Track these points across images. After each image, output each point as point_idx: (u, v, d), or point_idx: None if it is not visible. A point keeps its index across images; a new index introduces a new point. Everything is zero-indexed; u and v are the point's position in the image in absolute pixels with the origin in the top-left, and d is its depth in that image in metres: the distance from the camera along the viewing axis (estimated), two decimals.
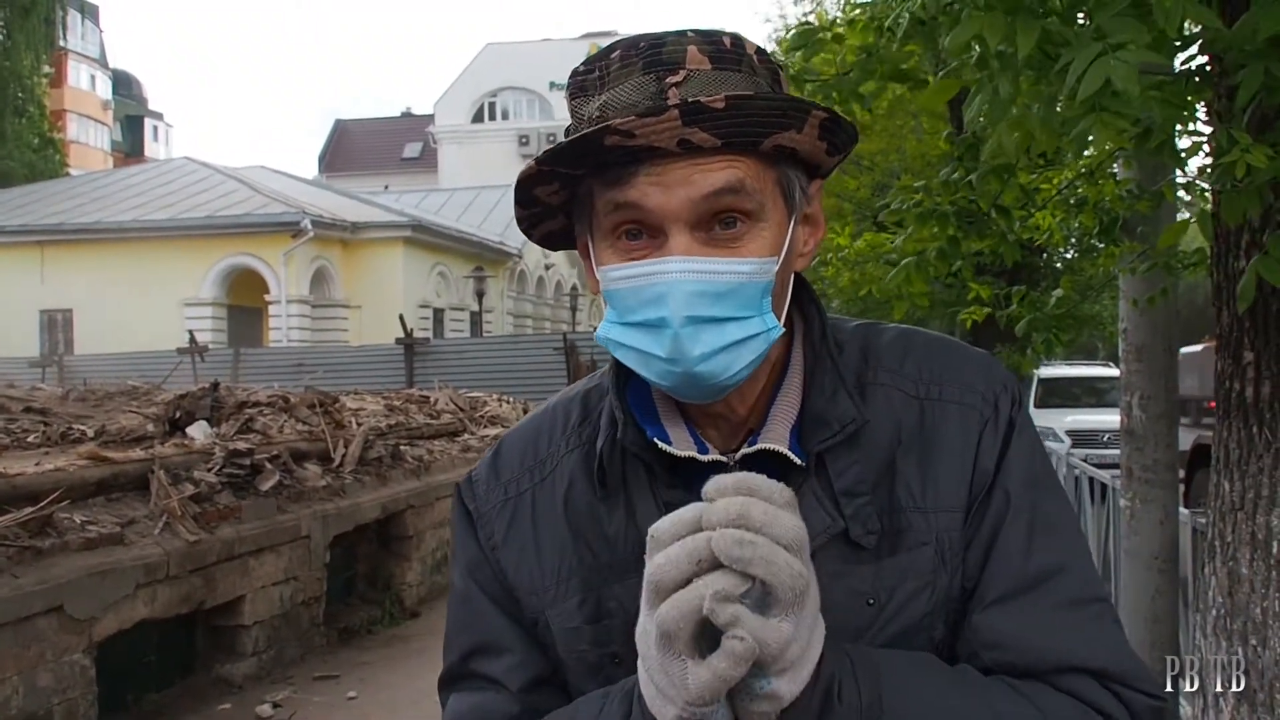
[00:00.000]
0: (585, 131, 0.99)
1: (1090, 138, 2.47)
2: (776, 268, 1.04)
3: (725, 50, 1.04)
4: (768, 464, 1.06)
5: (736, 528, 0.87)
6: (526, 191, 1.09)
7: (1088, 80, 2.04)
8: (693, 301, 0.99)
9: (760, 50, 1.08)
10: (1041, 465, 1.13)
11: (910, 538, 1.06)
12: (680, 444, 1.09)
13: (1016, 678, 1.02)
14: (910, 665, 1.01)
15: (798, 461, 1.07)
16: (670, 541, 0.89)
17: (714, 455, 1.09)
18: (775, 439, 1.08)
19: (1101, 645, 1.04)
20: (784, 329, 1.07)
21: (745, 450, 1.08)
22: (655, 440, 1.09)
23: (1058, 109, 2.41)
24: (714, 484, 0.91)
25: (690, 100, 0.98)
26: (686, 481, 1.07)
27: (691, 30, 1.05)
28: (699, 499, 0.98)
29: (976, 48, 2.65)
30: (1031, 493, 1.09)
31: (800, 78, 3.47)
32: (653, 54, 1.03)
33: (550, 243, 1.19)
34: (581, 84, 1.07)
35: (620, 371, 1.13)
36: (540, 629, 1.14)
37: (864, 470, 1.08)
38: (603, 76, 1.05)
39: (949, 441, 1.10)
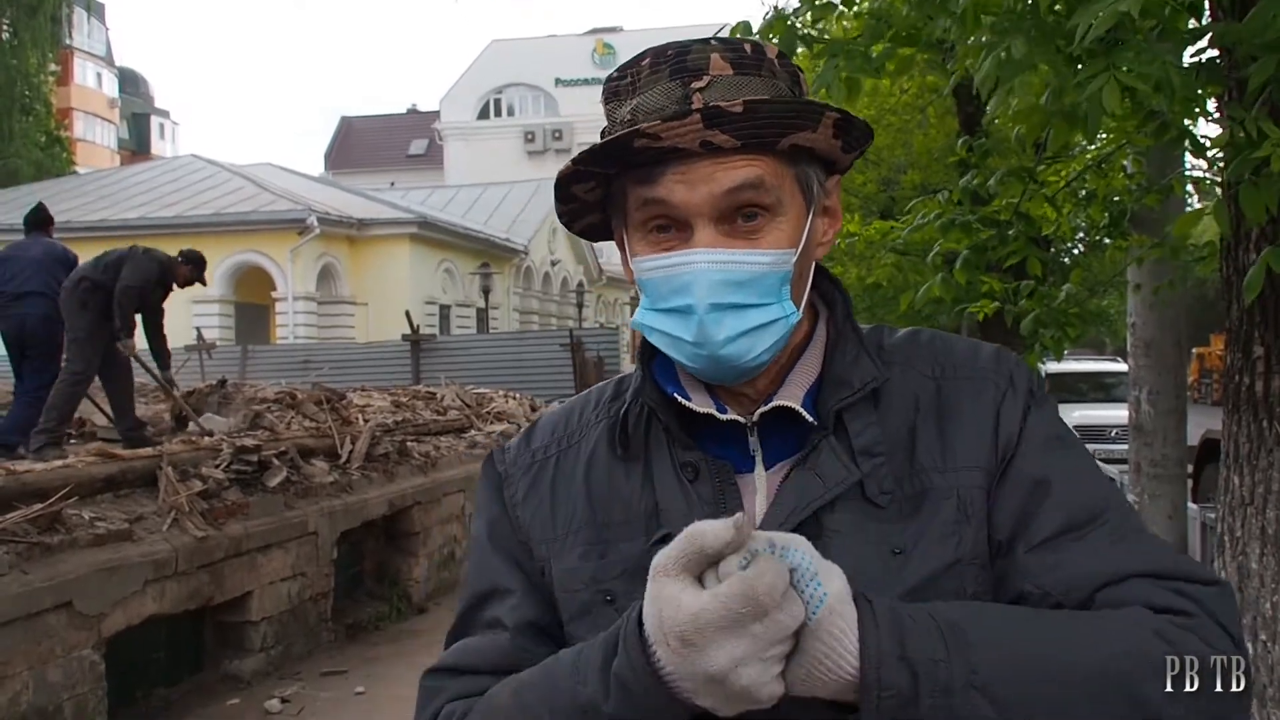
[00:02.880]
0: (615, 135, 1.08)
1: (1099, 129, 2.46)
2: (794, 258, 1.12)
3: (746, 57, 1.12)
4: (785, 428, 1.15)
5: None
6: (565, 189, 1.17)
7: (1102, 21, 2.04)
8: (716, 289, 1.08)
9: (781, 54, 1.16)
10: (1066, 430, 1.19)
11: (933, 495, 1.12)
12: (699, 402, 1.16)
13: (1077, 601, 1.05)
14: (979, 604, 1.06)
15: (809, 419, 1.14)
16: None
17: (732, 415, 1.16)
18: (789, 398, 1.15)
19: (1150, 554, 1.09)
20: (801, 315, 1.14)
21: (761, 409, 1.15)
22: (675, 396, 1.16)
23: (1070, 84, 2.40)
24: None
25: (710, 105, 1.05)
26: (705, 442, 1.16)
27: (715, 39, 1.14)
28: (714, 460, 1.14)
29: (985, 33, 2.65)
30: (1063, 450, 1.15)
31: (809, 39, 3.45)
32: (679, 61, 1.11)
33: (590, 234, 1.27)
34: (615, 89, 1.16)
35: (649, 343, 1.20)
36: (546, 577, 1.21)
37: (882, 433, 1.14)
38: (634, 82, 1.13)
39: (966, 409, 1.16)
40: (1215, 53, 2.84)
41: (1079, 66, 2.42)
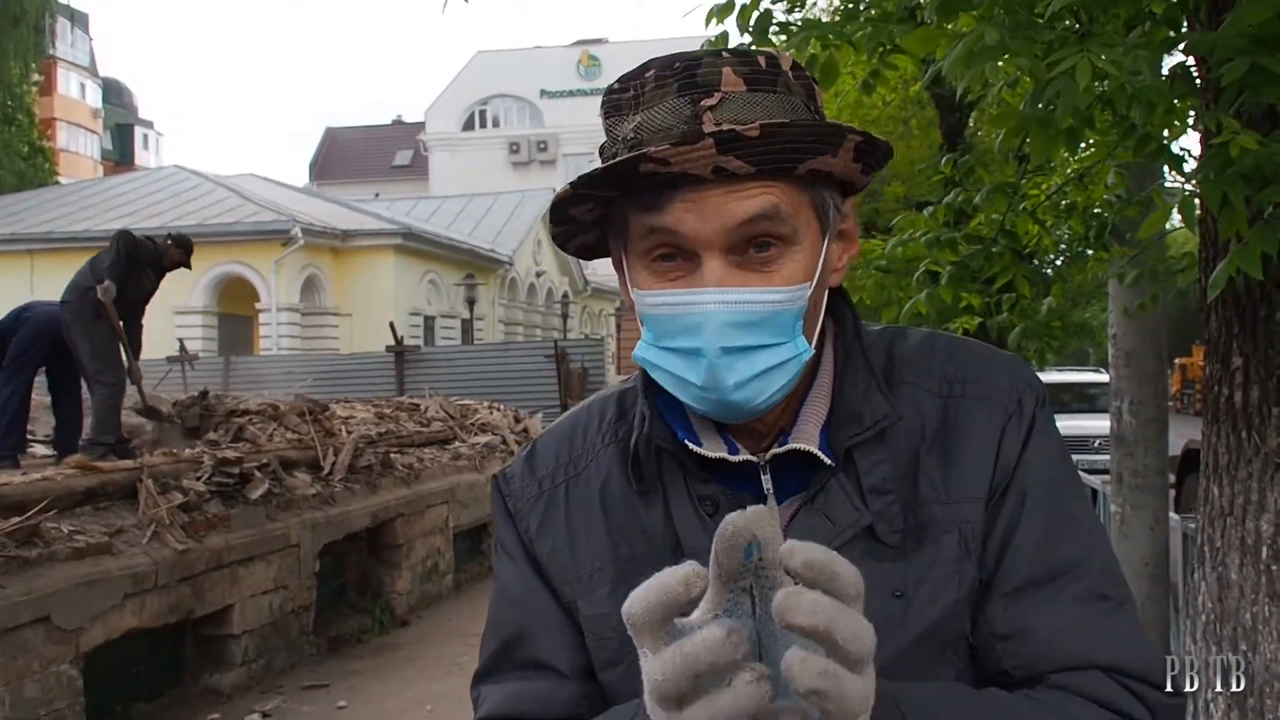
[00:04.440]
0: (620, 159, 0.99)
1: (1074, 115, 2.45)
2: (809, 292, 1.05)
3: (760, 71, 1.04)
4: (797, 463, 1.09)
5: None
6: (562, 211, 1.09)
7: None
8: (726, 332, 1.01)
9: (796, 65, 1.08)
10: (1064, 464, 1.14)
11: (934, 529, 1.07)
12: (710, 445, 1.10)
13: (1030, 674, 1.03)
14: (938, 697, 0.97)
15: (827, 461, 1.08)
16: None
17: (744, 455, 1.10)
18: (806, 438, 1.09)
19: (1118, 641, 1.04)
20: (814, 350, 1.08)
21: (775, 450, 1.09)
22: (685, 441, 1.10)
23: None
24: (789, 549, 0.78)
25: (726, 129, 0.97)
26: (720, 477, 1.10)
27: (727, 50, 1.05)
28: (733, 494, 1.07)
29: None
30: (1052, 488, 1.10)
31: (786, 27, 3.44)
32: (688, 76, 1.03)
33: (585, 254, 1.19)
34: (616, 103, 1.07)
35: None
36: (575, 618, 1.15)
37: (891, 469, 1.09)
38: (637, 96, 1.05)
39: (971, 434, 1.10)
40: (1191, 63, 2.86)
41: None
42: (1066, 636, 1.03)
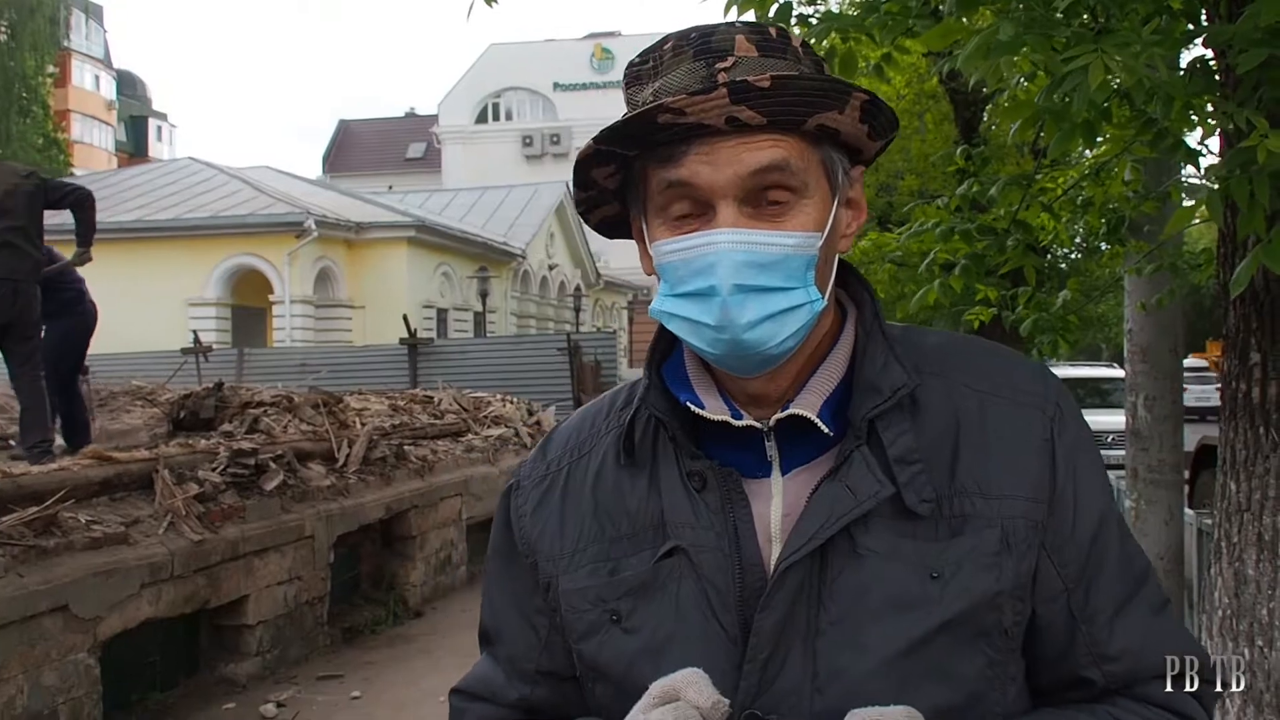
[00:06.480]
0: (640, 110, 1.04)
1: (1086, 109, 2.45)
2: (820, 243, 1.08)
3: (771, 40, 1.09)
4: (802, 428, 1.11)
5: None
6: (584, 173, 1.13)
7: None
8: (740, 271, 1.03)
9: (805, 42, 1.13)
10: (1104, 465, 1.19)
11: (976, 521, 1.08)
12: (714, 409, 1.12)
13: (1120, 686, 1.12)
14: None
15: (825, 430, 1.10)
16: None
17: (748, 420, 1.11)
18: (807, 406, 1.11)
19: (1183, 648, 1.14)
20: (827, 304, 1.10)
21: (778, 415, 1.11)
22: (689, 405, 1.12)
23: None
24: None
25: (739, 80, 1.01)
26: (719, 448, 1.13)
27: (739, 22, 1.11)
28: (721, 469, 1.10)
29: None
30: (1109, 496, 1.16)
31: (805, 20, 3.43)
32: (703, 43, 1.08)
33: (606, 229, 1.23)
34: (636, 74, 1.12)
35: (658, 348, 1.20)
36: (551, 595, 1.19)
37: (918, 440, 1.10)
38: (656, 66, 1.10)
39: (1015, 434, 1.12)
40: (1210, 56, 2.85)
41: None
42: (1150, 652, 1.12)
